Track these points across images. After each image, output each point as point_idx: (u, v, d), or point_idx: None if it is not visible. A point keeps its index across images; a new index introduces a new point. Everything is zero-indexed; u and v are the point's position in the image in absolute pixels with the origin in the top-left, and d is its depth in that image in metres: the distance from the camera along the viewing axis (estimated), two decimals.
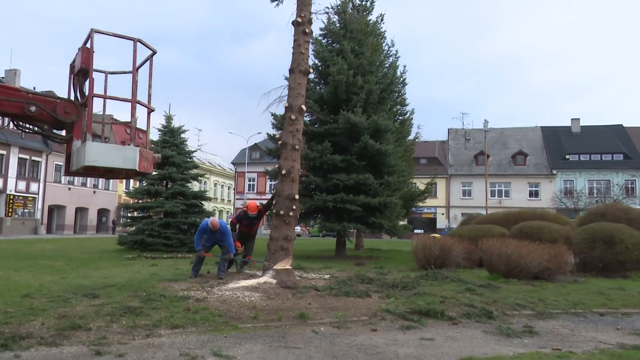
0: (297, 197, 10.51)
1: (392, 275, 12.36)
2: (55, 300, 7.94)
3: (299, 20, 10.79)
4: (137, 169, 5.57)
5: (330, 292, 9.05)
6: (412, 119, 29.19)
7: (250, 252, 12.57)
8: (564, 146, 59.11)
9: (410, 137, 30.53)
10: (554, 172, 57.09)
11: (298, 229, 55.64)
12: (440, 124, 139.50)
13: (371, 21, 25.37)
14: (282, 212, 10.34)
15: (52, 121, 5.73)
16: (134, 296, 8.20)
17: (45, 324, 6.42)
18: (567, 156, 57.65)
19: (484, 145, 56.96)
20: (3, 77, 41.57)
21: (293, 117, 10.62)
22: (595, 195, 54.12)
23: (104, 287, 9.28)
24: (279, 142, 10.95)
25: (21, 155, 43.84)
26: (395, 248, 28.12)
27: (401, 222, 24.96)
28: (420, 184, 34.86)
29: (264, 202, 12.87)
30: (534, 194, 57.60)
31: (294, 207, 10.42)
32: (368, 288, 9.66)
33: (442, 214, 60.26)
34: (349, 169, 19.33)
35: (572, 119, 62.61)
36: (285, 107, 10.79)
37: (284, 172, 10.48)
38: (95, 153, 5.38)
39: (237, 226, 12.29)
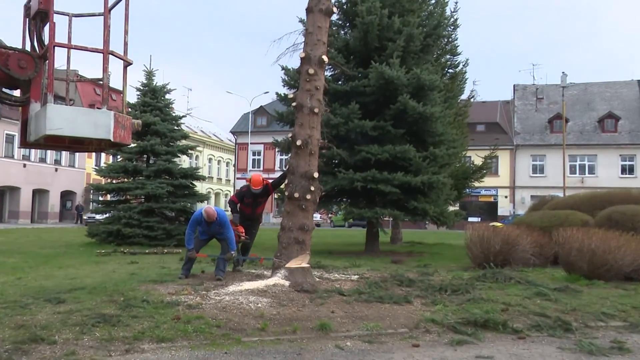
0: (316, 175, 10.47)
1: (440, 275, 12.37)
2: (10, 306, 7.99)
3: None
4: (112, 139, 5.61)
5: (359, 297, 9.07)
6: (465, 72, 28.98)
7: (252, 240, 12.73)
8: None
9: (464, 97, 30.29)
10: None
11: (317, 216, 56.00)
12: (503, 79, 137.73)
13: None
14: (296, 195, 10.31)
15: (3, 78, 5.79)
16: (109, 301, 8.24)
17: (0, 335, 6.52)
18: None
19: (561, 106, 56.16)
20: None
21: (311, 71, 10.46)
22: None
23: (71, 290, 9.30)
24: (293, 105, 10.81)
25: None
26: (444, 241, 28.18)
27: (451, 208, 24.93)
28: (477, 157, 34.65)
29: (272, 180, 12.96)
30: (627, 170, 56.88)
31: (312, 188, 10.34)
32: (408, 292, 9.65)
33: (505, 196, 59.89)
34: (384, 139, 19.32)
35: None
36: (301, 59, 10.62)
37: (299, 143, 10.41)
38: (59, 119, 5.41)
39: (239, 206, 12.44)
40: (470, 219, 45.89)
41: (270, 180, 12.86)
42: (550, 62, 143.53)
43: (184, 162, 35.91)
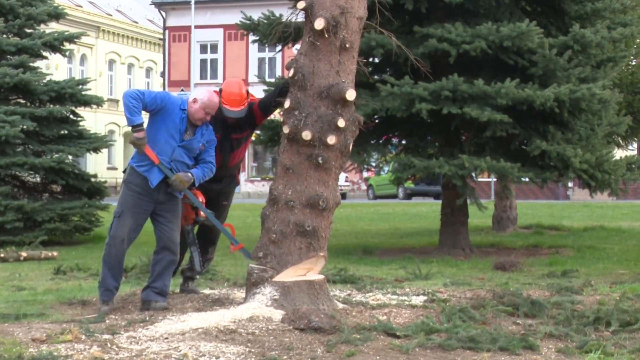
0: (351, 95, 6.76)
1: (594, 293, 9.23)
2: None
3: None
4: None
5: (428, 340, 6.25)
6: None
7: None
8: None
9: None
10: None
11: (341, 179, 38.84)
12: None
13: None
14: (307, 136, 6.96)
15: None
16: None
17: None
18: None
19: None
20: None
21: None
22: None
23: None
24: None
25: None
26: (604, 223, 19.79)
27: (620, 153, 15.31)
28: None
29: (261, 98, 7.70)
30: None
31: (341, 122, 6.79)
32: (529, 328, 6.82)
33: None
34: (475, 10, 11.76)
35: None
36: None
37: (320, 24, 6.63)
38: None
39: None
40: None
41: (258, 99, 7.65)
42: None
43: (56, 69, 27.84)
